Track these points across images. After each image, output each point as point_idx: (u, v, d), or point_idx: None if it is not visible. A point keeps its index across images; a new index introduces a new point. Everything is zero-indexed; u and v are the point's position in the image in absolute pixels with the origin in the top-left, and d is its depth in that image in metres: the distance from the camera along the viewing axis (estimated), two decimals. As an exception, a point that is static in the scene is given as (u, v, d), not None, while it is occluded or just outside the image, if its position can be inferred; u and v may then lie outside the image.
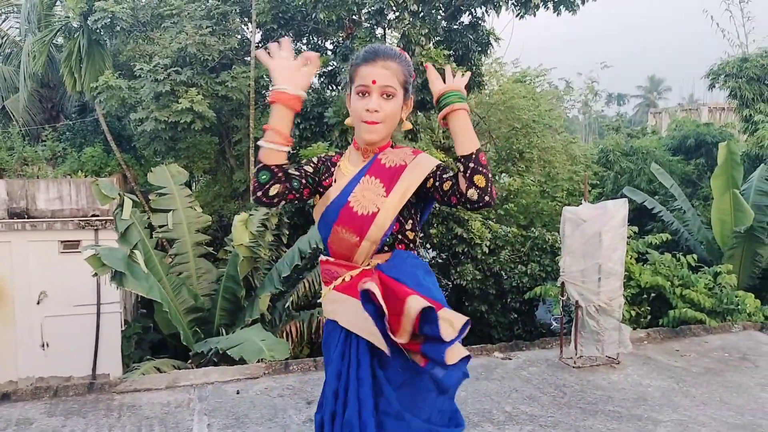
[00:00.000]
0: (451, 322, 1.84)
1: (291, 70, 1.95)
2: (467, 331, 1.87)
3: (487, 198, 1.90)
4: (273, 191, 1.98)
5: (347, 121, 2.12)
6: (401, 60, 2.03)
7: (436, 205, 2.21)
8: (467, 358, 1.92)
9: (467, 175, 1.91)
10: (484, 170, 1.91)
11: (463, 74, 2.10)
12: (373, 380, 1.96)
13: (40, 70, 14.83)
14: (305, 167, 2.13)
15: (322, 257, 2.16)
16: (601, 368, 4.84)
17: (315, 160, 2.18)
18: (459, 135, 1.96)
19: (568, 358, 4.93)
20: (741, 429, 3.80)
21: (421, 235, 2.02)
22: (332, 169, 2.15)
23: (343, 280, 2.07)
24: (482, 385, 4.43)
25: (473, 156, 1.91)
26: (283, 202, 2.05)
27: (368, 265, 2.04)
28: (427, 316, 1.82)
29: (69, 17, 14.21)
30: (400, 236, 2.07)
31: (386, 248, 2.06)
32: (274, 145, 1.94)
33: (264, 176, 1.96)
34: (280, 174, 1.99)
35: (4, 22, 18.39)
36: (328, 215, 2.07)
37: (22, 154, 13.69)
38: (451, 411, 2.05)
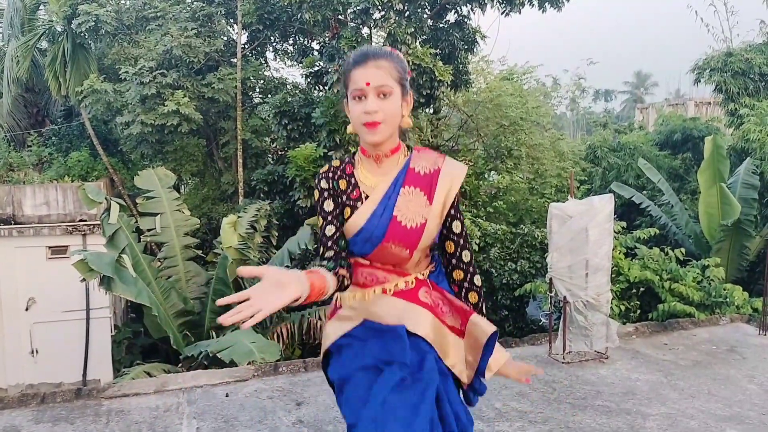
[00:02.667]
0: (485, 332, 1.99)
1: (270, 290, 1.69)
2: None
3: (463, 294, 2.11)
4: (344, 272, 1.93)
5: (349, 129, 2.01)
6: (393, 57, 1.97)
7: None
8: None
9: (464, 287, 2.10)
10: (480, 291, 2.11)
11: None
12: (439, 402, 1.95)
13: (24, 75, 14.72)
14: (325, 207, 2.00)
15: (360, 259, 2.03)
16: (590, 363, 4.86)
17: (324, 184, 2.02)
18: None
19: (557, 354, 4.95)
20: (729, 421, 3.82)
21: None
22: (351, 180, 2.02)
23: (396, 285, 2.00)
24: (472, 382, 4.43)
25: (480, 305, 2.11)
26: (348, 267, 1.99)
27: (422, 275, 2.04)
28: (490, 340, 1.96)
29: (52, 21, 14.12)
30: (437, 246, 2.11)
31: (427, 257, 2.09)
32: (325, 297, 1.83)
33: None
34: (340, 262, 1.95)
35: (-14, 26, 18.22)
36: (370, 232, 1.95)
37: (8, 160, 13.60)
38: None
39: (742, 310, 7.71)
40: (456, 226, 2.03)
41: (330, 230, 1.96)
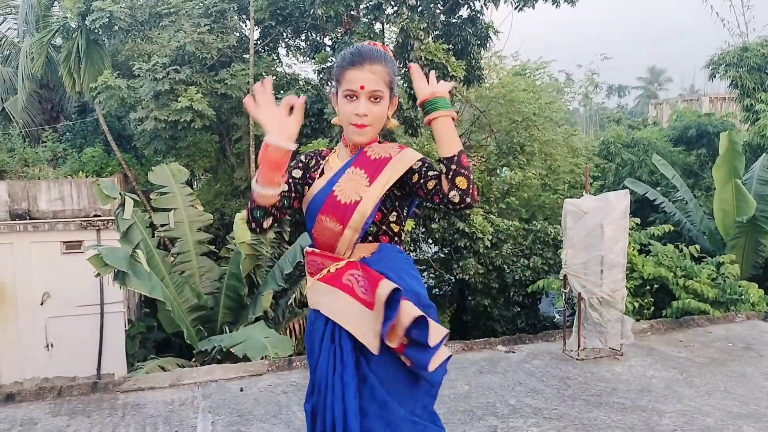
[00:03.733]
0: (436, 330, 1.93)
1: (280, 120, 1.86)
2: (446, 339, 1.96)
3: (468, 200, 1.91)
4: (267, 223, 2.05)
5: (334, 120, 2.15)
6: (386, 61, 2.06)
7: None
8: (448, 357, 2.01)
9: (449, 176, 1.92)
10: (466, 172, 1.92)
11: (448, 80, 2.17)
12: (357, 368, 1.99)
13: (39, 72, 14.81)
14: (293, 173, 2.17)
15: (308, 248, 2.20)
16: (605, 360, 4.83)
17: (303, 157, 2.24)
18: (442, 138, 1.99)
19: (572, 351, 4.92)
20: (746, 418, 3.79)
21: (423, 230, 2.05)
22: (321, 162, 2.21)
23: (328, 271, 2.10)
24: (486, 378, 4.43)
25: (455, 158, 1.93)
26: (276, 223, 2.12)
27: (352, 257, 2.08)
28: (418, 322, 1.89)
29: (67, 18, 14.18)
30: (384, 227, 2.11)
31: (370, 238, 2.10)
32: (269, 191, 1.92)
33: (258, 213, 2.01)
34: (272, 209, 2.04)
35: (2, 23, 18.39)
36: (313, 205, 2.11)
37: (23, 156, 13.68)
38: (434, 412, 2.10)
39: (758, 308, 7.63)
40: (430, 184, 1.99)
41: (284, 187, 2.04)
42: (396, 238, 2.14)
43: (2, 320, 10.58)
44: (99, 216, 10.84)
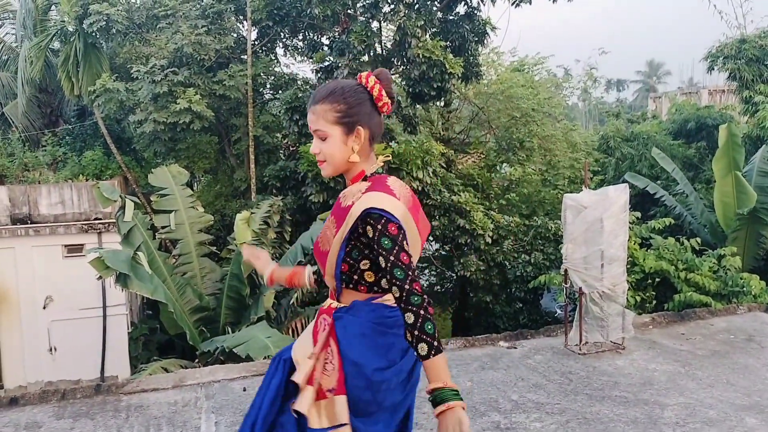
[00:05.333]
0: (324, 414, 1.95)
1: (264, 260, 2.54)
2: None
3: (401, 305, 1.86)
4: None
5: None
6: (331, 99, 2.01)
7: (438, 197, 2.28)
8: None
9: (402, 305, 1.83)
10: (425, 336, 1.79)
11: None
12: (285, 392, 2.08)
13: (38, 76, 14.84)
14: None
15: None
16: (607, 354, 4.84)
17: None
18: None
19: (574, 345, 4.93)
20: (748, 410, 3.80)
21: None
22: None
23: (329, 304, 2.13)
24: (488, 374, 4.44)
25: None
26: None
27: (341, 301, 2.08)
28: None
29: (64, 21, 14.20)
30: (356, 277, 2.03)
31: (351, 286, 2.05)
32: (307, 287, 2.38)
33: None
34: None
35: (0, 28, 18.41)
36: None
37: (23, 160, 13.71)
38: None
39: (760, 299, 7.65)
40: (381, 261, 1.88)
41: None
42: (375, 288, 2.02)
43: (5, 324, 10.60)
44: (100, 219, 10.86)
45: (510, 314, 12.22)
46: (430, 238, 12.50)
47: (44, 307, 10.68)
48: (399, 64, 12.67)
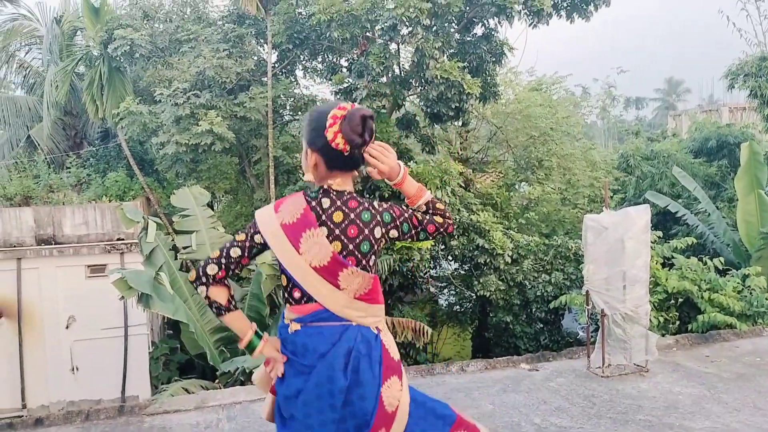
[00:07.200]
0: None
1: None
2: None
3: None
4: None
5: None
6: (307, 115, 2.28)
7: (457, 217, 2.39)
8: None
9: None
10: None
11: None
12: None
13: (63, 99, 15.17)
14: None
15: None
16: (630, 377, 4.78)
17: None
18: None
19: (596, 368, 4.88)
20: (776, 435, 3.73)
21: (442, 247, 2.04)
22: None
23: None
24: (510, 397, 4.41)
25: None
26: None
27: None
28: None
29: (89, 46, 14.54)
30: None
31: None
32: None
33: None
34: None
35: (27, 53, 18.87)
36: None
37: (48, 182, 13.96)
38: None
39: (786, 321, 7.49)
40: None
41: None
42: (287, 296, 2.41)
43: (29, 344, 10.72)
44: (122, 239, 10.99)
45: (531, 335, 12.10)
46: (449, 257, 12.47)
47: (67, 327, 10.79)
48: (417, 85, 12.76)
